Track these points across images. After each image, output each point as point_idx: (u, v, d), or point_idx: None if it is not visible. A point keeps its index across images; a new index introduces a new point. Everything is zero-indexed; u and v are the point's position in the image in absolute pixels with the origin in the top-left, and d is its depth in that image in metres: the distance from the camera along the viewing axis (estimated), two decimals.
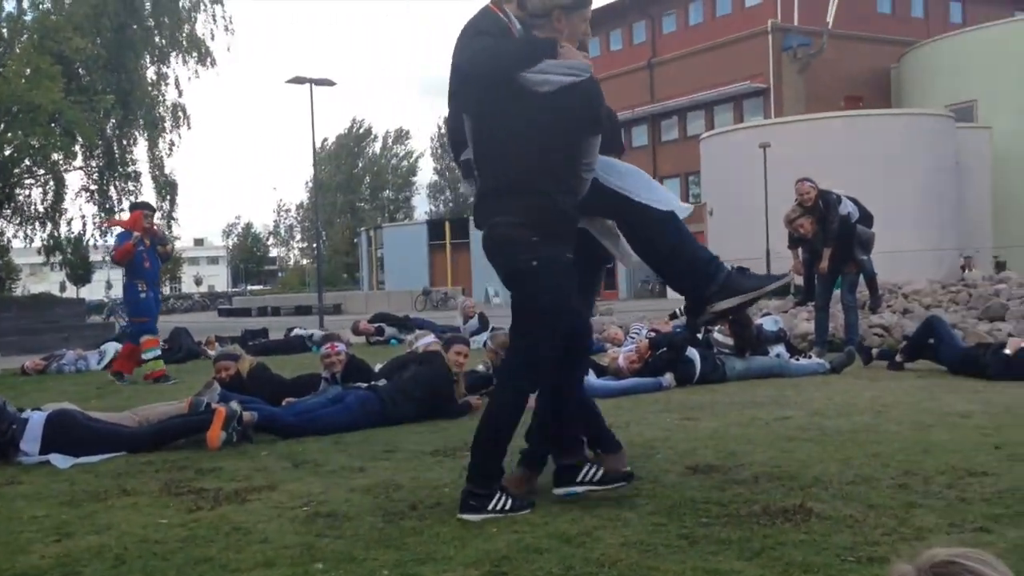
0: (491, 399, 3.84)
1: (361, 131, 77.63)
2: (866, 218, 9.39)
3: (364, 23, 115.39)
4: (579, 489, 3.72)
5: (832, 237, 9.14)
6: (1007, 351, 7.46)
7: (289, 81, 25.53)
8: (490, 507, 3.49)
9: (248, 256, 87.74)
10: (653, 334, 8.36)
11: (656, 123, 45.86)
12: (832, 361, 8.41)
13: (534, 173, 3.49)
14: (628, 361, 7.66)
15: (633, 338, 8.78)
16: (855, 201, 9.42)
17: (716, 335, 8.20)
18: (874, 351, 8.88)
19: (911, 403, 6.21)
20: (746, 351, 8.15)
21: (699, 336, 8.07)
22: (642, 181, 3.81)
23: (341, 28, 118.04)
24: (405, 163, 77.88)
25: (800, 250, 9.70)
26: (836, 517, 3.36)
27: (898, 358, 8.38)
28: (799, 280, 9.62)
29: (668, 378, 7.48)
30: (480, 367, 7.64)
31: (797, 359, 8.51)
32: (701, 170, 37.12)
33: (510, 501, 3.54)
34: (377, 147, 78.12)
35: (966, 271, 25.11)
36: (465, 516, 3.48)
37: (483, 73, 3.50)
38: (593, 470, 3.74)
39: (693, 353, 7.80)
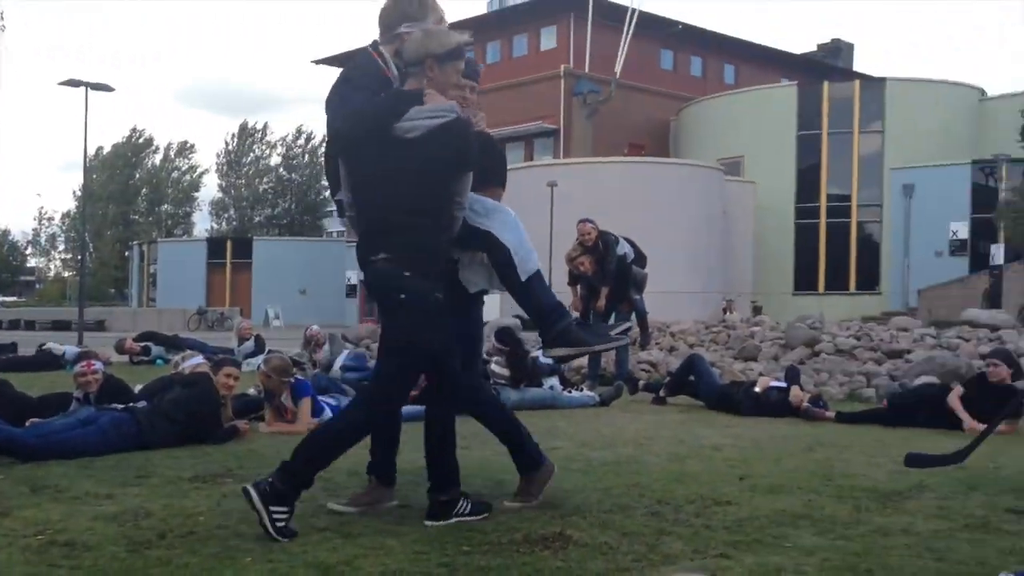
0: (342, 414, 3.99)
1: (140, 140, 73.82)
2: (640, 259, 9.86)
3: (155, 31, 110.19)
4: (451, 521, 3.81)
5: (610, 276, 9.53)
6: (756, 389, 8.01)
7: (62, 83, 23.91)
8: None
9: (2, 266, 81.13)
10: None
11: None
12: (602, 394, 8.72)
13: (408, 214, 3.64)
14: None
15: None
16: (631, 242, 9.87)
17: (493, 366, 8.31)
18: (640, 383, 9.30)
19: (670, 436, 6.52)
20: (521, 382, 8.31)
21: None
22: (506, 221, 3.98)
23: (125, 35, 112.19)
24: (188, 177, 74.61)
25: (579, 287, 10.04)
26: (592, 544, 3.46)
27: (662, 393, 8.80)
28: (575, 313, 9.94)
29: None
30: (251, 390, 7.38)
31: (570, 391, 8.77)
32: None
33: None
34: (158, 159, 74.51)
35: (727, 313, 26.86)
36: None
37: (356, 135, 3.73)
38: (465, 504, 3.89)
39: None
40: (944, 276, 32.58)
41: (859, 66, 51.33)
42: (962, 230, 34.76)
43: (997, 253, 30.19)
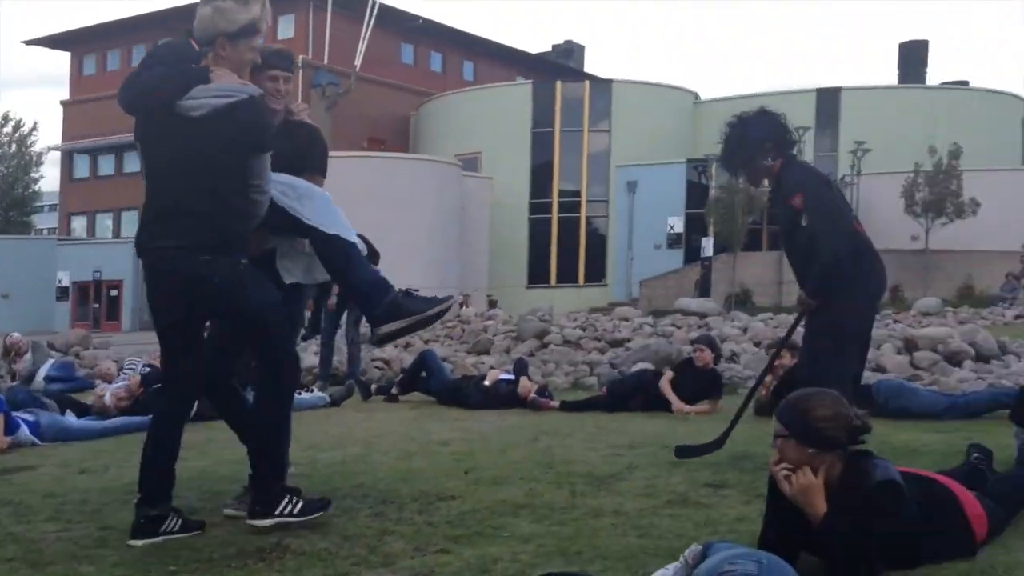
0: (258, 403, 3.93)
1: None
2: (373, 255, 9.75)
3: None
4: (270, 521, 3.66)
5: None
6: (486, 382, 8.20)
7: None
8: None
9: None
10: (148, 369, 7.90)
11: None
12: (333, 394, 8.60)
13: (197, 196, 3.51)
14: (116, 399, 7.14)
15: (127, 374, 8.24)
16: (363, 238, 9.73)
17: None
18: (373, 387, 9.20)
19: (401, 433, 6.53)
20: (246, 387, 8.01)
21: None
22: (319, 205, 3.89)
23: None
24: None
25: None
26: (311, 552, 3.38)
27: (394, 390, 8.80)
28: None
29: None
30: None
31: (299, 393, 8.56)
32: None
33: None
34: None
35: (463, 308, 27.39)
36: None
37: (136, 107, 3.59)
38: (175, 520, 3.65)
39: None
40: (663, 268, 34.94)
41: (589, 67, 53.92)
42: (678, 224, 37.42)
43: (707, 246, 32.75)
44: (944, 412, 6.39)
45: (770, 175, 4.77)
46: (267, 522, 3.63)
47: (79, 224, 48.20)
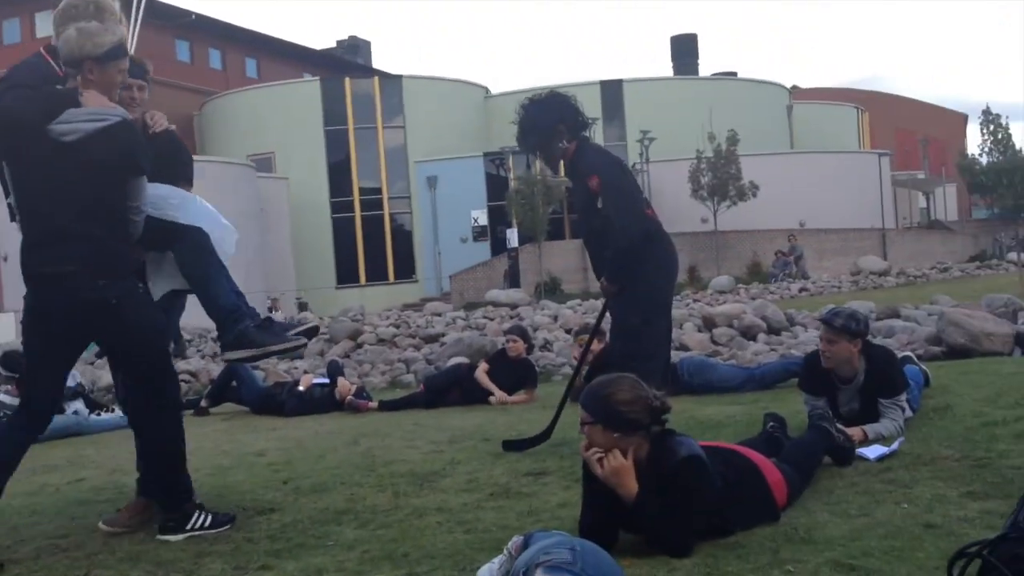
0: (153, 426, 3.84)
1: None
2: None
3: None
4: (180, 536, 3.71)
5: None
6: (300, 387, 8.02)
7: None
8: (189, 526, 3.74)
9: None
10: None
11: None
12: None
13: (81, 221, 3.50)
14: None
15: None
16: None
17: (1, 396, 7.41)
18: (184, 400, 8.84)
19: (212, 448, 6.28)
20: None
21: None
22: (199, 210, 3.97)
23: None
24: None
25: None
26: None
27: (203, 403, 8.47)
28: None
29: None
30: None
31: (99, 414, 8.11)
32: None
33: (210, 517, 3.80)
34: None
35: (273, 312, 26.69)
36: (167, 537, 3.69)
37: (5, 128, 3.50)
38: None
39: None
40: (471, 261, 35.28)
41: (377, 63, 53.60)
42: (482, 217, 37.86)
43: (512, 236, 33.31)
44: (742, 385, 6.78)
45: (565, 158, 4.86)
46: (179, 537, 3.71)
47: None
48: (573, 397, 6.66)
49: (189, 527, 3.73)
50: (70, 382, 8.26)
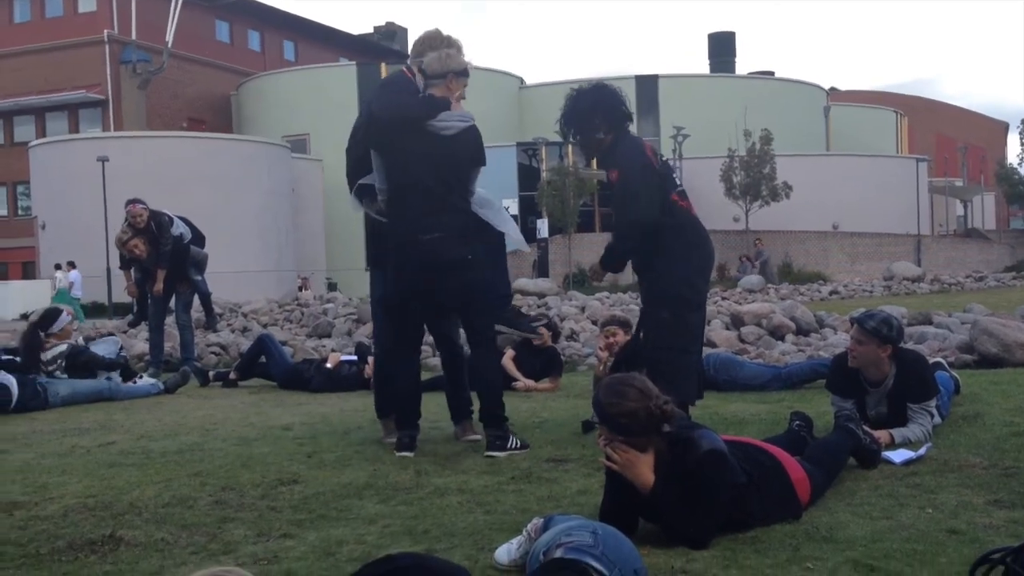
0: (483, 358, 4.93)
1: None
2: (199, 239, 9.46)
3: None
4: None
5: (165, 258, 9.04)
6: (328, 365, 8.07)
7: None
8: (509, 445, 4.62)
9: None
10: None
11: None
12: (166, 381, 8.27)
13: (458, 197, 4.67)
14: None
15: None
16: (187, 221, 9.44)
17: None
18: (210, 373, 8.93)
19: (239, 419, 6.35)
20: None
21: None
22: (505, 217, 5.05)
23: None
24: None
25: (133, 271, 9.43)
26: (147, 543, 3.25)
27: (232, 375, 8.55)
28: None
29: None
30: None
31: (135, 382, 8.21)
32: (31, 180, 34.21)
33: (519, 441, 4.71)
34: None
35: (303, 291, 26.86)
36: (494, 453, 4.56)
37: (395, 125, 4.58)
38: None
39: (8, 379, 7.08)
40: None
41: None
42: (513, 206, 37.80)
43: (542, 227, 33.30)
44: (768, 383, 6.75)
45: (601, 149, 4.85)
46: (503, 454, 4.54)
47: None
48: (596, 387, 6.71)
49: (510, 446, 4.58)
50: (113, 353, 8.35)
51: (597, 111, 4.76)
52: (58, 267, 28.31)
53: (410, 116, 4.58)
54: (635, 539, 2.90)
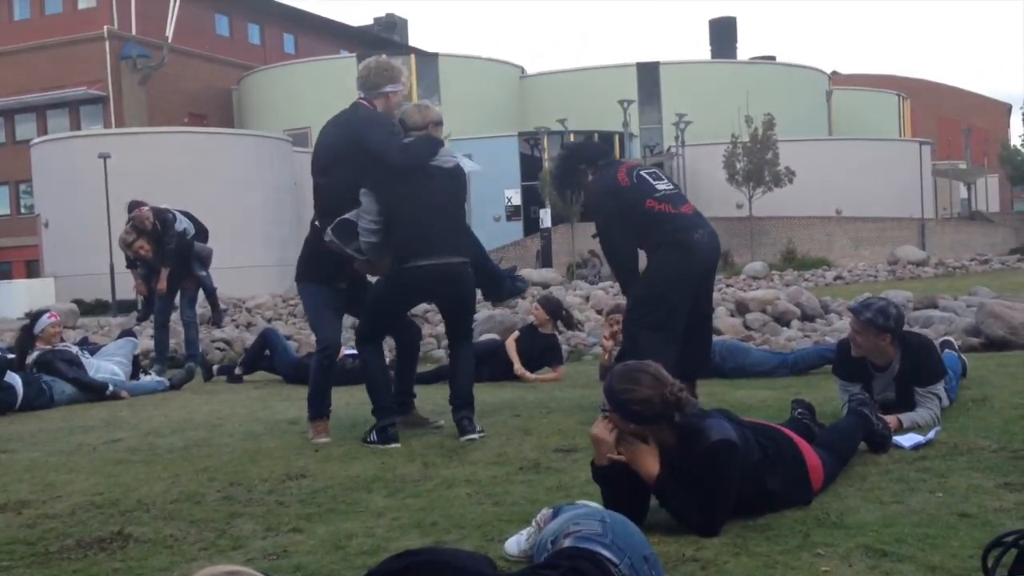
0: (464, 354, 5.25)
1: None
2: (201, 233, 9.46)
3: None
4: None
5: (169, 256, 9.04)
6: None
7: None
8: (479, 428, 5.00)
9: None
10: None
11: None
12: (172, 378, 8.28)
13: (462, 223, 5.35)
14: None
15: None
16: (190, 216, 9.44)
17: None
18: (215, 367, 8.94)
19: (246, 414, 6.35)
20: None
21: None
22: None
23: None
24: None
25: (139, 268, 9.44)
26: (155, 539, 3.25)
27: (237, 371, 8.55)
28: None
29: None
30: None
31: (139, 378, 8.22)
32: (33, 178, 34.21)
33: (479, 427, 5.03)
34: None
35: None
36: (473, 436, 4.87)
37: (415, 166, 4.98)
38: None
39: (14, 378, 7.08)
40: (504, 239, 35.26)
41: (414, 41, 53.54)
42: (515, 197, 37.81)
43: (545, 217, 33.27)
44: (775, 369, 6.73)
45: (590, 190, 5.66)
46: (475, 436, 4.87)
47: None
48: (602, 376, 6.69)
49: (479, 429, 4.93)
50: (128, 356, 8.26)
51: (579, 160, 5.66)
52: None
53: (421, 157, 5.04)
54: (645, 527, 2.90)
